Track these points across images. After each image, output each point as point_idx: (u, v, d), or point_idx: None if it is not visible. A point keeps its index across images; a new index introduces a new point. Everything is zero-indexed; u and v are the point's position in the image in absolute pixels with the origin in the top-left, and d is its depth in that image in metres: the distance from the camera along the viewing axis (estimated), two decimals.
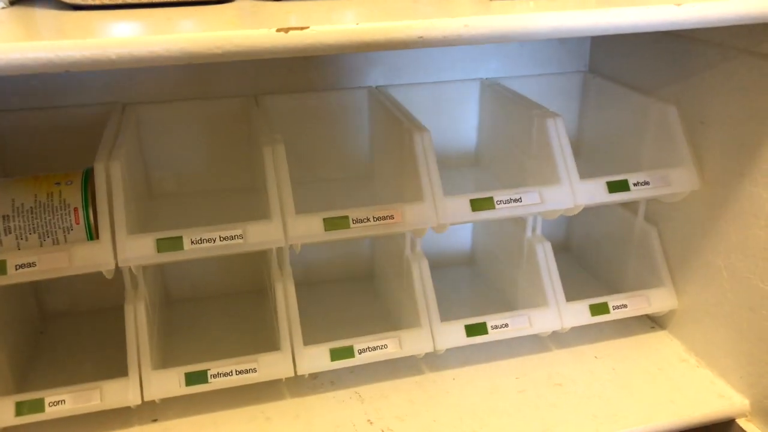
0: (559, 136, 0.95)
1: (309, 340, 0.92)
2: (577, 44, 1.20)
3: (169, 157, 1.08)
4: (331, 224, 0.85)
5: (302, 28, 0.59)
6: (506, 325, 0.98)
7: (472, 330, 0.97)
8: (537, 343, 1.05)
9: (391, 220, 0.87)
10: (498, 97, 1.11)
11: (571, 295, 1.03)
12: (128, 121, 1.00)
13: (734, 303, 0.93)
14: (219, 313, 1.14)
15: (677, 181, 0.97)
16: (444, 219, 0.89)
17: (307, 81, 1.11)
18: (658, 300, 1.05)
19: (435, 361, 1.01)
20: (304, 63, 1.09)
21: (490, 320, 0.98)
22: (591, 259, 1.25)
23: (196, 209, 1.05)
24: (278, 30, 0.59)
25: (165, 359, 0.98)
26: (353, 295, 1.19)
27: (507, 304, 1.13)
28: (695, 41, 0.96)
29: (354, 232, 0.86)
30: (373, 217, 0.86)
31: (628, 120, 1.09)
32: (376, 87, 1.12)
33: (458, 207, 0.89)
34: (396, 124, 0.98)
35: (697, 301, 1.01)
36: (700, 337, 1.01)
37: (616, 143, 1.13)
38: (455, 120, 1.18)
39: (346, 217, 0.86)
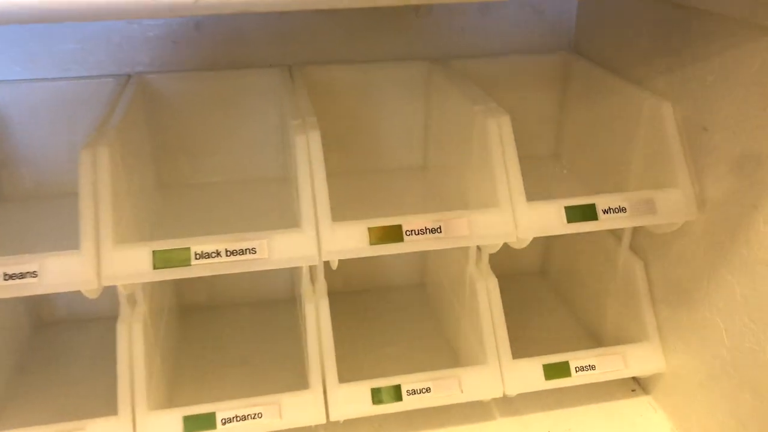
0: (503, 142, 0.70)
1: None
2: (558, 16, 0.94)
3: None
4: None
5: None
6: (427, 390, 0.74)
7: (381, 395, 0.73)
8: (477, 408, 0.81)
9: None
10: (442, 85, 0.85)
11: (538, 333, 0.80)
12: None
13: (735, 379, 0.68)
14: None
15: (666, 207, 0.71)
16: (331, 254, 0.65)
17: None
18: (638, 359, 0.79)
19: (333, 430, 0.77)
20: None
21: (406, 383, 0.74)
22: (569, 290, 1.00)
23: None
24: None
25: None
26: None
27: (448, 348, 0.89)
28: (702, 14, 0.69)
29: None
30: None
31: (616, 117, 0.83)
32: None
33: (352, 235, 0.65)
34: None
35: (690, 367, 0.75)
36: (691, 413, 0.76)
37: (602, 145, 0.87)
38: (399, 110, 0.93)
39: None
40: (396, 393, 0.73)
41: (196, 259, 0.62)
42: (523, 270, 1.07)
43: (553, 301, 1.01)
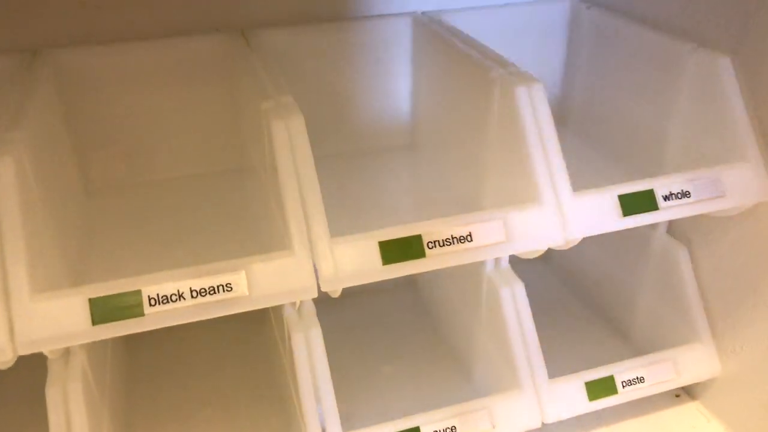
0: (537, 118, 0.54)
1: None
2: None
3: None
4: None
5: None
6: (452, 430, 0.60)
7: None
8: None
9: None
10: (439, 43, 0.69)
11: (554, 334, 0.70)
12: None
13: None
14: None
15: (735, 188, 0.57)
16: (333, 282, 0.49)
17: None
18: (690, 364, 0.67)
19: None
20: None
21: (427, 425, 0.59)
22: (584, 278, 0.86)
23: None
24: None
25: None
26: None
27: (455, 360, 0.75)
28: None
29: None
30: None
31: (644, 79, 0.69)
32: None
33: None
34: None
35: (756, 372, 0.64)
36: (758, 423, 0.64)
37: (625, 111, 0.73)
38: (381, 77, 0.77)
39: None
40: None
41: (151, 305, 0.45)
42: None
43: (563, 293, 0.87)
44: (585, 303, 0.85)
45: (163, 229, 0.63)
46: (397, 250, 0.49)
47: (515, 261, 0.93)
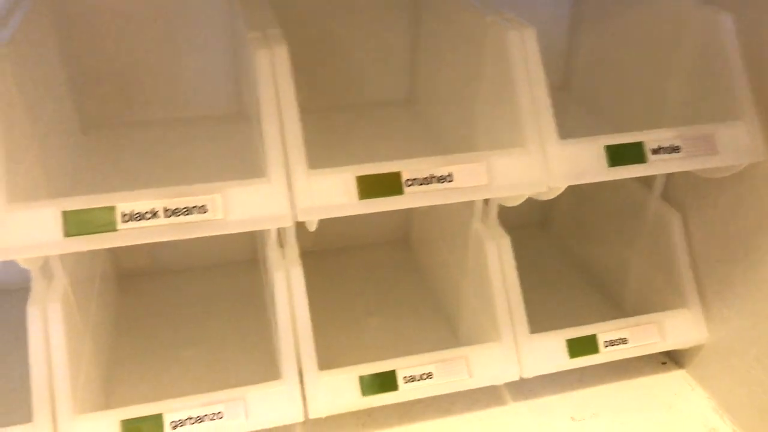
0: (528, 63, 0.54)
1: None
2: None
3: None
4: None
5: None
6: (428, 376, 0.60)
7: (372, 384, 0.59)
8: (484, 392, 0.67)
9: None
10: None
11: (545, 298, 0.72)
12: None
13: None
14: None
15: (729, 145, 0.56)
16: (308, 212, 0.49)
17: None
18: (676, 329, 0.67)
19: (313, 428, 0.63)
20: None
21: (403, 368, 0.59)
22: (580, 246, 0.86)
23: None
24: None
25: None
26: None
27: (443, 318, 0.75)
28: None
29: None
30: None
31: (649, 37, 0.68)
32: None
33: (336, 187, 0.49)
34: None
35: (744, 339, 0.63)
36: (741, 391, 0.63)
37: (628, 74, 0.72)
38: (378, 31, 0.76)
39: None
40: (390, 381, 0.59)
41: (124, 221, 0.45)
42: (521, 222, 0.92)
43: (559, 259, 0.87)
44: (581, 269, 0.84)
45: (154, 163, 0.64)
46: (374, 185, 0.49)
47: (514, 227, 0.93)
